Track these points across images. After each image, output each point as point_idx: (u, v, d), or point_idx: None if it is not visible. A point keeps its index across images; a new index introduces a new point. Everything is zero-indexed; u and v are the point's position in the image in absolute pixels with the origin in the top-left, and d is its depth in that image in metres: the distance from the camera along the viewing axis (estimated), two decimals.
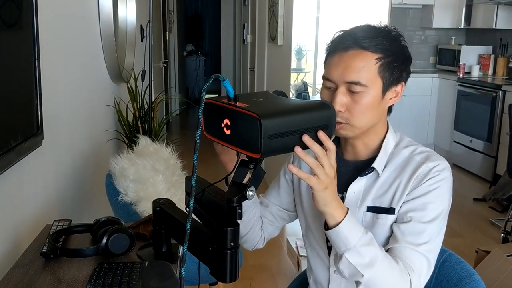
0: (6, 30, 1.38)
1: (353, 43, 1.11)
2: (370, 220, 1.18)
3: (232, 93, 0.93)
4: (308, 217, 1.32)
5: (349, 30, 1.15)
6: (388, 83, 1.14)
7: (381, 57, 1.11)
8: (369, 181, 1.19)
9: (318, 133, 0.95)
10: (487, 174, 4.80)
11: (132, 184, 2.04)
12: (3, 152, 1.35)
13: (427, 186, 1.12)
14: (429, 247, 1.11)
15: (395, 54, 1.13)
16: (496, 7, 5.14)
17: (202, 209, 1.06)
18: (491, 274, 2.40)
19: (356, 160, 1.24)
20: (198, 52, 10.17)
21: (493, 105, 4.72)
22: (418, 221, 1.11)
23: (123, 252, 1.31)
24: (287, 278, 2.91)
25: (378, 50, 1.11)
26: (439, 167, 1.14)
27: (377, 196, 1.18)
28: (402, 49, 1.16)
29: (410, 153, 1.18)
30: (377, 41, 1.11)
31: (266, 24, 4.56)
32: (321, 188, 0.99)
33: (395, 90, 1.17)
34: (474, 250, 2.68)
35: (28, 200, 1.67)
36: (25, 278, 1.22)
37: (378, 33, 1.13)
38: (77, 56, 2.32)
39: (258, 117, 0.86)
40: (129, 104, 3.28)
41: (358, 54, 1.11)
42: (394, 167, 1.18)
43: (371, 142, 1.21)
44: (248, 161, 0.96)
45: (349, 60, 1.11)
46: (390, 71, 1.12)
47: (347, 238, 1.04)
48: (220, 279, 0.99)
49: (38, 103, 1.63)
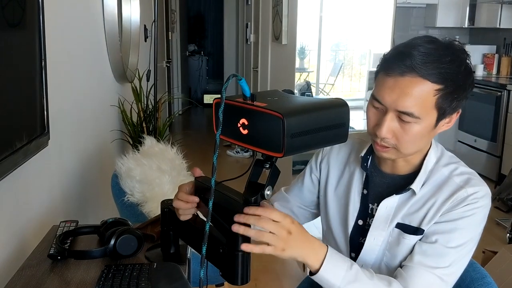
0: (10, 30, 1.37)
1: (411, 68, 0.99)
2: (396, 237, 1.14)
3: (248, 92, 0.92)
4: (332, 220, 1.28)
5: (409, 49, 1.01)
6: (445, 114, 1.05)
7: (442, 88, 1.00)
8: (404, 198, 1.14)
9: (233, 227, 0.92)
10: (492, 174, 4.78)
11: (138, 184, 2.03)
12: (10, 153, 1.34)
13: (462, 212, 1.07)
14: (448, 271, 1.07)
15: (458, 84, 1.01)
16: (500, 6, 5.12)
17: (213, 210, 1.04)
18: (499, 274, 2.39)
19: (394, 174, 1.18)
20: (201, 52, 10.15)
21: (497, 105, 4.70)
22: (443, 245, 1.07)
23: (131, 254, 1.30)
24: (292, 279, 2.90)
25: (439, 80, 0.99)
26: (479, 194, 1.08)
27: (409, 213, 1.13)
28: (467, 75, 1.03)
29: (450, 172, 1.12)
30: (440, 69, 0.99)
31: (270, 23, 4.54)
32: (279, 252, 0.96)
33: (450, 117, 1.08)
34: (481, 251, 2.67)
35: (34, 201, 1.66)
36: (32, 280, 1.21)
37: (441, 56, 1.00)
38: (81, 56, 2.31)
39: (282, 116, 0.85)
40: (133, 104, 3.27)
41: (416, 83, 0.99)
42: (431, 186, 1.12)
43: (413, 160, 1.15)
44: (264, 161, 0.95)
45: (405, 88, 0.99)
46: (449, 102, 1.02)
47: (329, 281, 1.01)
48: (231, 282, 0.98)
49: (44, 104, 1.62)
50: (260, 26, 5.29)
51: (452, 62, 1.00)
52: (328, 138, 0.95)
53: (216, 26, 10.18)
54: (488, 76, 5.43)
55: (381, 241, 1.16)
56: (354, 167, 1.24)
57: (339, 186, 1.27)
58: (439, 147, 1.17)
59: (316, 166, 1.33)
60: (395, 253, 1.14)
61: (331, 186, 1.28)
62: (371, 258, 1.18)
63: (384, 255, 1.17)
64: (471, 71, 1.06)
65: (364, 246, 1.19)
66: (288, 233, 0.95)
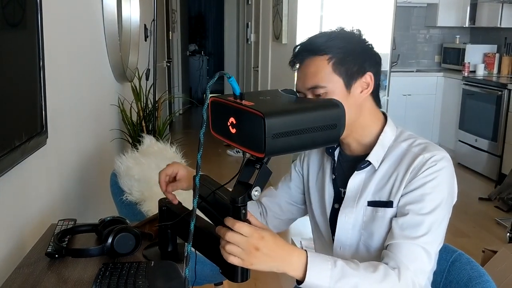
0: (10, 30, 1.37)
1: (306, 53, 1.17)
2: (370, 214, 1.18)
3: (237, 90, 0.91)
4: (315, 211, 1.34)
5: (302, 42, 1.20)
6: (349, 78, 1.15)
7: (331, 56, 1.14)
8: (367, 175, 1.20)
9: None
10: (492, 173, 4.78)
11: (136, 183, 2.03)
12: (8, 151, 1.34)
13: (424, 178, 1.11)
14: (428, 238, 1.09)
15: (346, 50, 1.15)
16: (501, 5, 5.11)
17: (212, 208, 1.04)
18: (498, 273, 2.39)
19: (355, 155, 1.24)
20: (201, 52, 10.16)
21: (498, 104, 4.70)
22: (416, 213, 1.10)
23: (128, 252, 1.30)
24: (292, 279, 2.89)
25: (327, 51, 1.14)
26: (436, 157, 1.12)
27: (376, 190, 1.18)
28: (357, 43, 1.18)
29: (408, 145, 1.18)
30: (326, 44, 1.15)
31: (270, 23, 4.54)
32: (247, 265, 0.96)
33: (363, 82, 1.17)
34: (481, 250, 2.66)
35: (33, 199, 1.66)
36: (30, 278, 1.21)
37: (326, 36, 1.17)
38: (81, 55, 2.31)
39: (262, 115, 0.85)
40: (133, 103, 3.27)
41: (311, 61, 1.16)
42: (392, 160, 1.18)
43: (363, 138, 1.22)
44: (254, 161, 0.95)
45: (305, 69, 1.17)
46: (345, 66, 1.14)
47: (318, 286, 1.01)
48: (231, 279, 0.98)
49: (43, 102, 1.62)
50: (260, 26, 5.29)
51: (337, 37, 1.17)
52: (317, 140, 0.94)
53: (217, 26, 10.18)
54: (489, 75, 5.42)
55: (353, 219, 1.21)
56: (327, 158, 1.32)
57: (318, 178, 1.34)
58: (399, 128, 1.24)
59: (300, 163, 1.41)
60: (372, 231, 1.18)
61: (312, 180, 1.36)
62: (347, 238, 1.22)
63: (361, 234, 1.20)
64: (362, 39, 1.20)
65: (337, 225, 1.23)
66: (255, 249, 0.94)
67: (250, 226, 0.95)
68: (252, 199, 0.93)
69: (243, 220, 0.95)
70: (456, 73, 5.59)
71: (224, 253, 0.95)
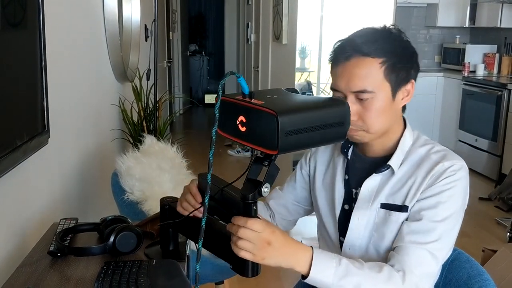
0: (11, 30, 1.38)
1: (353, 51, 1.10)
2: (383, 217, 1.18)
3: (247, 89, 0.93)
4: (322, 211, 1.33)
5: (348, 38, 1.14)
6: (397, 85, 1.13)
7: (384, 60, 1.09)
8: (384, 178, 1.19)
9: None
10: (492, 173, 4.78)
11: (138, 183, 2.03)
12: (9, 151, 1.35)
13: (442, 186, 1.11)
14: (437, 245, 1.09)
15: (398, 55, 1.11)
16: (501, 5, 5.11)
17: (220, 206, 1.06)
18: (498, 272, 2.39)
19: (373, 157, 1.23)
20: (202, 52, 10.16)
21: (498, 104, 4.70)
22: (429, 220, 1.10)
23: (130, 251, 1.31)
24: (293, 277, 2.90)
25: (379, 54, 1.09)
26: (455, 167, 1.12)
27: (391, 193, 1.18)
28: (405, 47, 1.14)
29: (427, 151, 1.18)
30: (377, 44, 1.09)
31: (270, 23, 4.55)
32: (259, 260, 0.98)
33: (405, 90, 1.16)
34: (481, 250, 2.67)
35: (35, 198, 1.67)
36: (32, 277, 1.22)
37: (377, 36, 1.12)
38: (82, 55, 2.32)
39: (275, 113, 0.86)
40: (134, 103, 3.27)
41: (361, 62, 1.10)
42: (410, 165, 1.17)
43: (388, 142, 1.20)
44: (263, 158, 0.96)
45: (352, 69, 1.10)
46: (396, 72, 1.11)
47: (322, 281, 1.02)
48: (242, 274, 1.00)
49: (44, 102, 1.62)
50: (260, 26, 5.30)
51: (388, 38, 1.12)
52: (326, 137, 0.96)
53: (217, 26, 10.18)
54: (489, 75, 5.43)
55: (366, 221, 1.20)
56: (338, 158, 1.30)
57: (326, 177, 1.33)
58: (416, 132, 1.23)
59: (306, 162, 1.40)
60: (383, 233, 1.17)
61: (318, 179, 1.34)
62: (357, 239, 1.22)
63: (372, 236, 1.20)
64: (408, 42, 1.15)
65: (349, 227, 1.22)
66: (267, 244, 0.97)
67: (262, 222, 0.97)
68: (262, 195, 0.95)
69: (253, 216, 0.96)
70: (456, 73, 5.60)
71: (236, 248, 0.96)
